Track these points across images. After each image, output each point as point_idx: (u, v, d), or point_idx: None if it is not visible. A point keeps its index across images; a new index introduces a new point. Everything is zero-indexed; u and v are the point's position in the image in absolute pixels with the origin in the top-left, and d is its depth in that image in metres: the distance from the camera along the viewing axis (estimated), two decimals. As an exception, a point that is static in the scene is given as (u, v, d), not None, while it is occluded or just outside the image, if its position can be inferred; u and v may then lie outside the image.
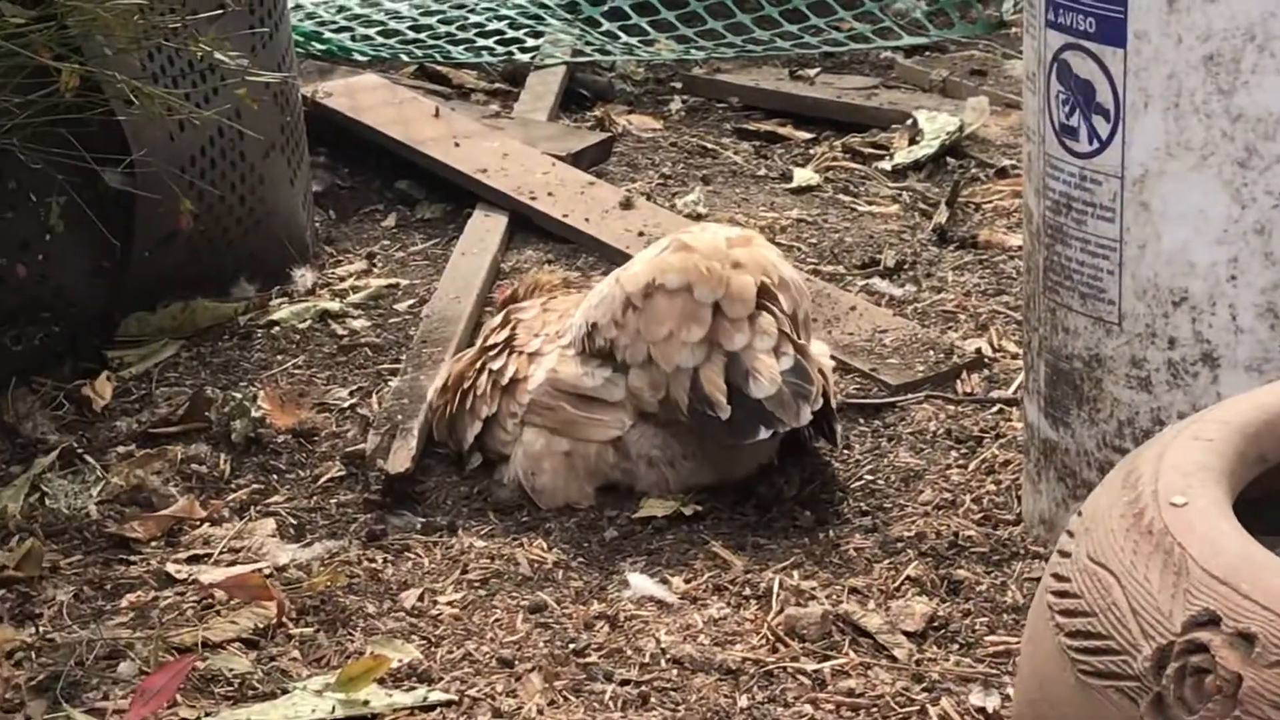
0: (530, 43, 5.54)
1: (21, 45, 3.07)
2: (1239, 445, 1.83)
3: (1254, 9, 2.53)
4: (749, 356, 3.06)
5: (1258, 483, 1.85)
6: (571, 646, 2.76)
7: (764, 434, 3.04)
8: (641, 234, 4.16)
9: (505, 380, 3.22)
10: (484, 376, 3.26)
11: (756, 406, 3.04)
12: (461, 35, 5.59)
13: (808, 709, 2.62)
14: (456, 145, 4.62)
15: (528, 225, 4.34)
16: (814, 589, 2.89)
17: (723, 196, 4.57)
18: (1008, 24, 5.93)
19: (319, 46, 5.47)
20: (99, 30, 3.21)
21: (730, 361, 3.06)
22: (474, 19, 5.71)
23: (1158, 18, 2.58)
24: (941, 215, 4.40)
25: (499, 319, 3.39)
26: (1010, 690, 2.61)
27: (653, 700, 2.63)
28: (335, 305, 3.96)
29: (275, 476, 3.33)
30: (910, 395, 3.52)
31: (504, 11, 5.77)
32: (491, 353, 3.28)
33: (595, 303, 3.16)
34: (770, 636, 2.77)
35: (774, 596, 2.87)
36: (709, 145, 5.00)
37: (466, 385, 3.28)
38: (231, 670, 2.74)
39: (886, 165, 4.77)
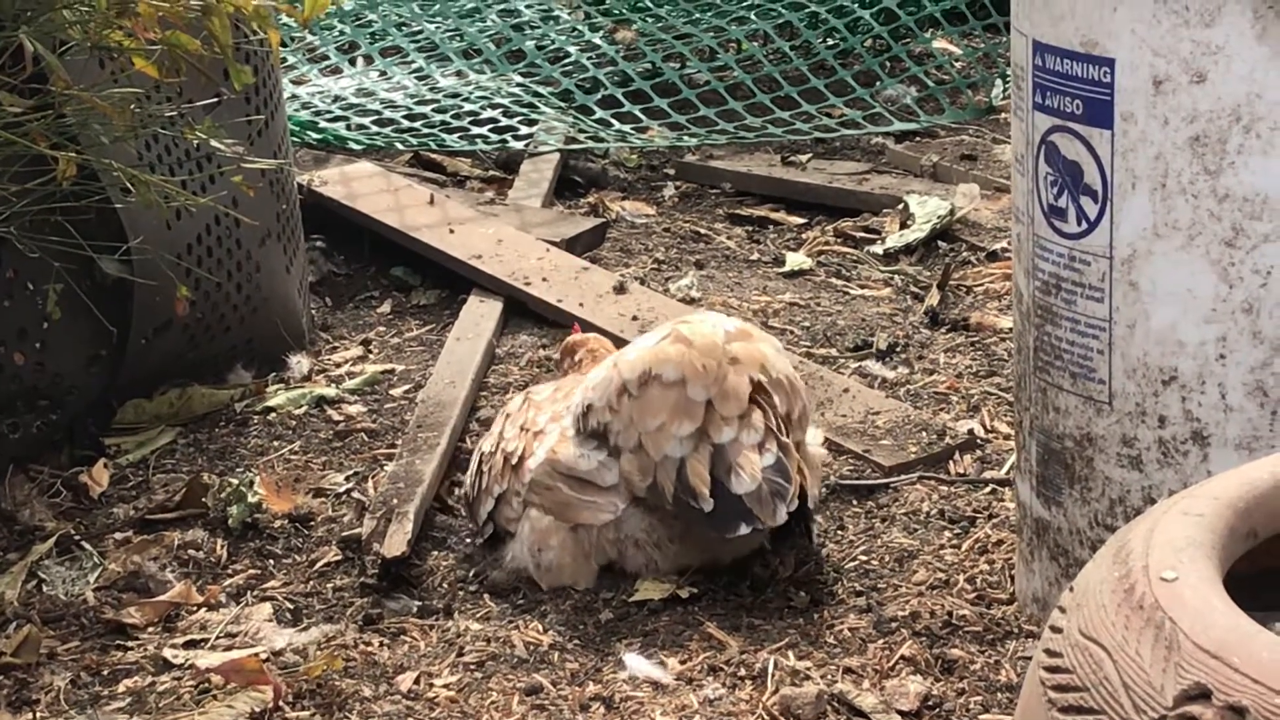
0: (524, 130, 5.58)
1: (19, 134, 3.10)
2: (1229, 520, 1.84)
3: (1239, 90, 2.56)
4: (734, 450, 3.08)
5: (1248, 558, 1.86)
6: (568, 728, 2.77)
7: (744, 530, 3.05)
8: (635, 318, 4.19)
9: (515, 460, 3.25)
10: (499, 456, 3.29)
11: (737, 502, 3.06)
12: (456, 123, 5.63)
13: (804, 789, 2.62)
14: (451, 232, 4.65)
15: (522, 310, 4.37)
16: (809, 669, 2.89)
17: (716, 281, 4.60)
18: (997, 109, 5.98)
19: (314, 135, 5.51)
20: (96, 119, 3.24)
21: (716, 453, 3.08)
22: (468, 107, 5.75)
23: (1144, 100, 2.61)
24: (933, 298, 4.43)
25: (519, 401, 3.41)
26: (1006, 769, 2.61)
27: (649, 781, 2.64)
28: (331, 391, 3.98)
29: (272, 561, 3.34)
30: (903, 476, 3.54)
31: (498, 100, 5.81)
32: (509, 436, 3.31)
33: (593, 384, 3.19)
34: (766, 717, 2.78)
35: (769, 677, 2.88)
36: (702, 230, 5.03)
37: (486, 467, 3.31)
38: (229, 754, 2.75)
39: (878, 249, 4.80)
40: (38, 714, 2.88)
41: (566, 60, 6.18)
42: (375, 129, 5.61)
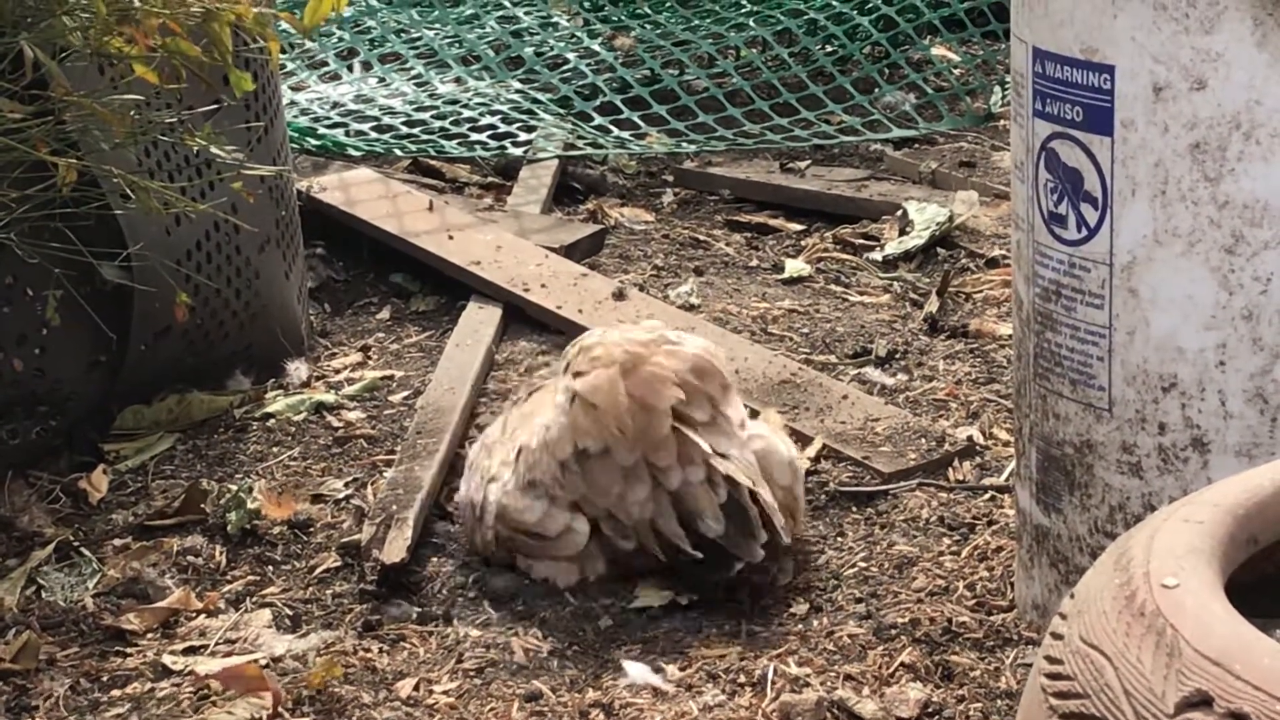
0: (523, 137, 5.58)
1: (19, 140, 3.10)
2: (1230, 527, 1.84)
3: (1239, 97, 2.56)
4: (689, 495, 3.07)
5: (1249, 566, 1.86)
6: (567, 735, 2.77)
7: (739, 568, 3.07)
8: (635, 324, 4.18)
9: (478, 512, 3.27)
10: (467, 506, 3.33)
11: (715, 545, 3.07)
12: (455, 130, 5.63)
13: (804, 796, 2.62)
14: (450, 238, 4.65)
15: (521, 317, 4.37)
16: (809, 676, 2.89)
17: (715, 287, 4.60)
18: (995, 116, 5.98)
19: (314, 142, 5.51)
20: (96, 125, 3.24)
21: (676, 502, 3.08)
22: (467, 114, 5.75)
23: (1144, 107, 2.61)
24: (932, 305, 4.43)
25: (491, 435, 3.41)
26: (1006, 776, 2.61)
27: (649, 788, 2.64)
28: (330, 397, 3.98)
29: (271, 568, 3.34)
30: (903, 483, 3.53)
31: (497, 106, 5.81)
32: (473, 484, 3.32)
33: (531, 459, 3.17)
34: (766, 724, 2.78)
35: (769, 684, 2.88)
36: (701, 237, 5.03)
37: (461, 512, 3.36)
38: (228, 761, 2.75)
39: (877, 256, 4.80)
40: (37, 720, 2.89)
41: (565, 67, 6.18)
42: (374, 135, 5.61)
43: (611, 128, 5.73)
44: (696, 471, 3.07)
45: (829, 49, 6.40)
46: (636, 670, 2.93)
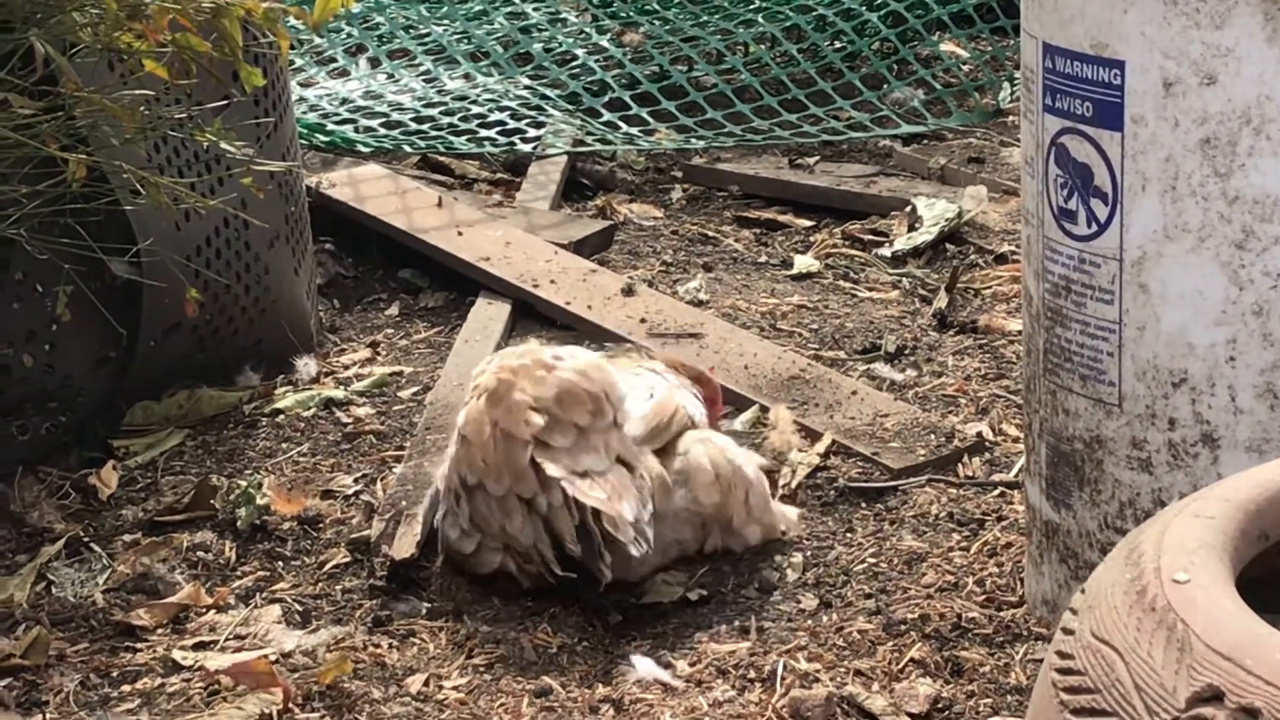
0: (532, 133, 5.58)
1: (29, 136, 3.10)
2: (1241, 522, 1.84)
3: (1249, 92, 2.56)
4: (554, 518, 3.09)
5: (1261, 561, 1.86)
6: (577, 730, 2.77)
7: (603, 584, 3.07)
8: (644, 320, 4.19)
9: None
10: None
11: (581, 565, 3.08)
12: (464, 126, 5.63)
13: (813, 791, 2.62)
14: (459, 234, 4.65)
15: (530, 313, 4.37)
16: (818, 671, 2.89)
17: (724, 284, 4.60)
18: (1004, 112, 5.98)
19: (323, 138, 5.51)
20: (106, 121, 3.24)
21: (547, 527, 3.09)
22: (476, 110, 5.75)
23: (1154, 102, 2.61)
24: (941, 301, 4.42)
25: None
26: (1015, 771, 2.61)
27: (659, 783, 2.64)
28: (339, 393, 3.98)
29: (280, 563, 3.34)
30: (912, 479, 3.53)
31: (506, 102, 5.81)
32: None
33: (442, 487, 3.25)
34: (775, 719, 2.78)
35: (778, 679, 2.88)
36: (710, 233, 5.03)
37: None
38: (238, 756, 2.75)
39: (886, 252, 4.80)
40: (47, 715, 2.89)
41: (574, 63, 6.19)
42: (383, 131, 5.61)
43: (620, 124, 5.73)
44: (556, 495, 3.08)
45: (838, 45, 6.40)
46: (646, 666, 2.93)
